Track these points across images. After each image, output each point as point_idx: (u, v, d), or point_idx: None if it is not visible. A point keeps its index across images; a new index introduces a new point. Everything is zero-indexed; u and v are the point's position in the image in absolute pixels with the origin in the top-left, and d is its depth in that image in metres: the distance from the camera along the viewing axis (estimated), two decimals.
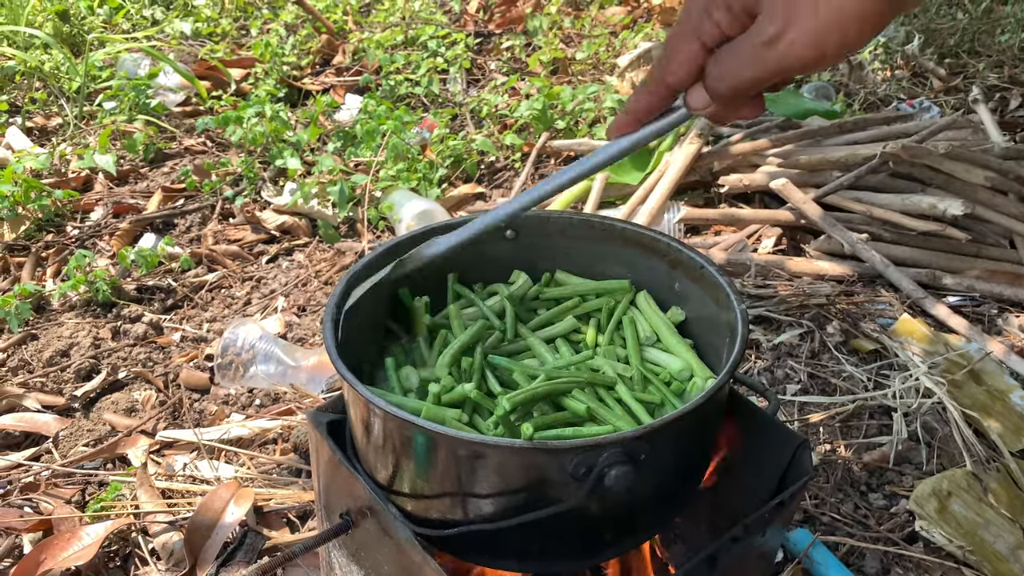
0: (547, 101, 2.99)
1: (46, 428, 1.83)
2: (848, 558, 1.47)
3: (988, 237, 2.25)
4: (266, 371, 1.88)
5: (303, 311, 2.21)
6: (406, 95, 3.35)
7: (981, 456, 1.62)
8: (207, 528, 1.49)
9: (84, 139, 3.12)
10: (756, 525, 0.97)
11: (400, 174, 2.66)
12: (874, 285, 2.17)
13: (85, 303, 2.24)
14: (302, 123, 3.15)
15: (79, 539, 1.49)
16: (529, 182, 2.75)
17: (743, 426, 1.09)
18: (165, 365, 2.02)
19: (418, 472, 0.88)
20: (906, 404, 1.73)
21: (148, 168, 2.97)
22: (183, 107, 3.38)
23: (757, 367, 1.90)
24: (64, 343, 2.07)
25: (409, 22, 3.95)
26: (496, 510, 0.86)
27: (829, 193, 2.32)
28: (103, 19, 4.06)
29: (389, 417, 0.84)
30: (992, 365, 1.86)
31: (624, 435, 0.80)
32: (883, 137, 2.46)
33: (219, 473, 1.67)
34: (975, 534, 1.46)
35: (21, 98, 3.42)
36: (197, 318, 2.21)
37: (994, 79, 3.28)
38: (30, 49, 3.61)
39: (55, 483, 1.69)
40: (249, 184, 2.74)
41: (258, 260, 2.47)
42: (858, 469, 1.65)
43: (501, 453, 0.82)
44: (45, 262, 2.46)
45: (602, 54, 3.62)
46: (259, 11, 4.30)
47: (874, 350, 1.93)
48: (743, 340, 0.92)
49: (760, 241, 2.37)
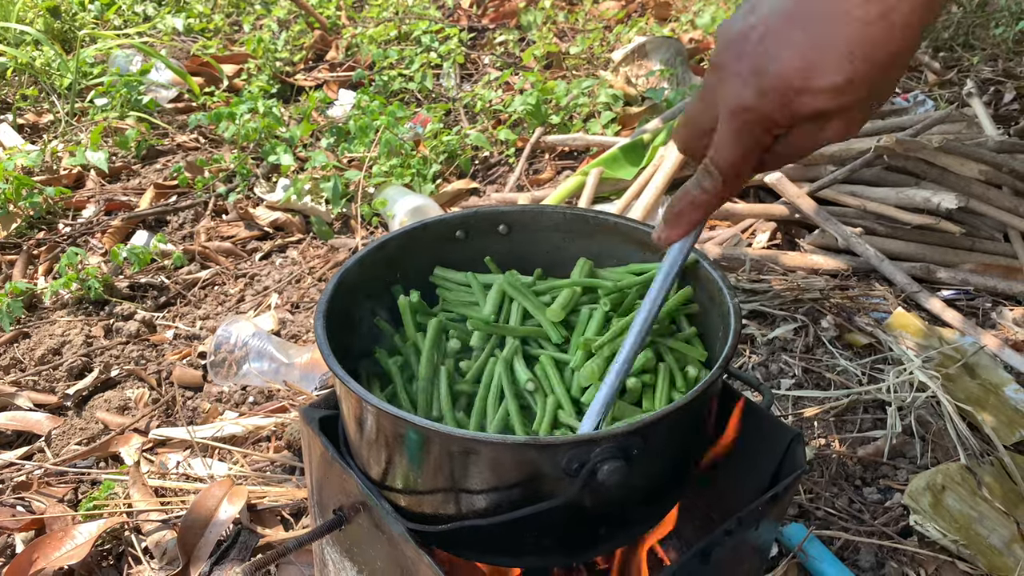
0: (541, 96, 2.98)
1: (38, 427, 1.82)
2: (843, 552, 1.47)
3: (982, 231, 2.25)
4: (259, 368, 1.88)
5: (296, 308, 2.20)
6: (399, 90, 3.34)
7: (975, 450, 1.62)
8: (200, 526, 1.48)
9: (76, 136, 3.10)
10: (750, 518, 0.97)
11: (394, 170, 2.65)
12: (868, 279, 2.17)
13: (77, 301, 2.23)
14: (295, 119, 3.14)
15: (72, 538, 1.48)
16: (523, 177, 2.75)
17: (737, 420, 1.08)
18: (158, 363, 2.02)
19: (411, 468, 0.88)
20: (900, 398, 1.73)
21: (140, 165, 2.96)
22: (175, 103, 3.37)
23: (751, 362, 1.90)
24: (56, 341, 2.06)
25: (402, 17, 3.93)
26: (489, 505, 0.85)
27: (823, 187, 2.32)
28: (94, 15, 4.03)
29: (382, 413, 0.84)
30: (986, 359, 1.87)
31: (617, 430, 0.80)
32: (877, 131, 2.46)
33: (212, 471, 1.66)
34: (969, 528, 1.46)
35: (12, 95, 3.40)
36: (190, 315, 2.20)
37: (988, 72, 3.28)
38: (21, 45, 3.58)
39: (47, 482, 1.68)
40: (242, 180, 2.73)
41: (251, 257, 2.46)
42: (852, 463, 1.65)
43: (494, 449, 0.82)
44: (37, 260, 2.45)
45: (596, 48, 3.61)
46: (252, 6, 4.29)
47: (868, 344, 1.93)
48: (736, 334, 0.92)
49: (754, 236, 2.37)
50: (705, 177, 0.76)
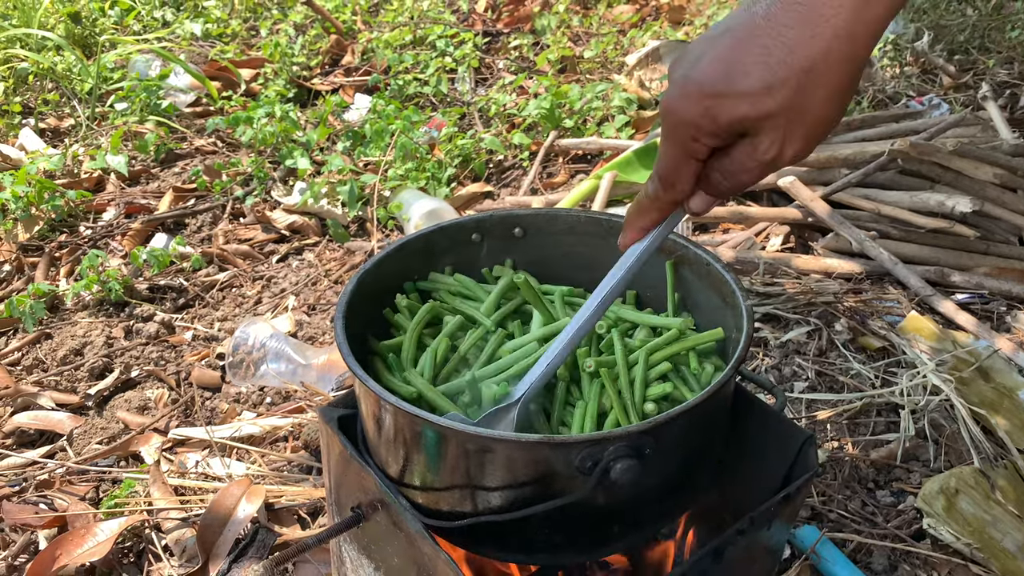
0: (555, 100, 3.00)
1: (60, 426, 1.85)
2: (856, 555, 1.48)
3: (997, 234, 2.24)
4: (277, 369, 1.90)
5: (313, 310, 2.23)
6: (415, 94, 3.36)
7: (989, 453, 1.62)
8: (219, 524, 1.51)
9: (96, 140, 3.15)
10: (762, 519, 0.98)
11: (409, 173, 2.67)
12: (882, 282, 2.17)
13: (98, 302, 2.27)
14: (311, 123, 3.17)
15: (93, 535, 1.51)
16: (537, 180, 2.76)
17: (750, 422, 1.09)
18: (177, 364, 2.05)
19: (428, 466, 0.89)
20: (914, 401, 1.73)
21: (159, 168, 3.00)
22: (194, 107, 3.41)
23: (765, 365, 1.91)
24: (78, 342, 2.10)
25: (418, 22, 3.96)
26: (504, 503, 0.87)
27: (837, 191, 2.32)
28: (114, 21, 4.09)
29: (399, 411, 0.86)
30: (1000, 362, 1.86)
31: (629, 429, 0.81)
32: (892, 134, 2.46)
33: (231, 470, 1.69)
34: (983, 531, 1.46)
35: (34, 99, 3.45)
36: (208, 317, 2.23)
37: (1004, 75, 3.26)
38: (43, 51, 3.64)
39: (69, 480, 1.71)
40: (259, 184, 2.76)
41: (268, 259, 2.49)
42: (865, 466, 1.65)
43: (509, 447, 0.83)
44: (59, 262, 2.49)
45: (610, 52, 3.63)
46: (268, 12, 4.33)
47: (882, 347, 1.93)
48: (748, 336, 0.93)
49: (768, 239, 2.38)
50: (649, 183, 0.82)
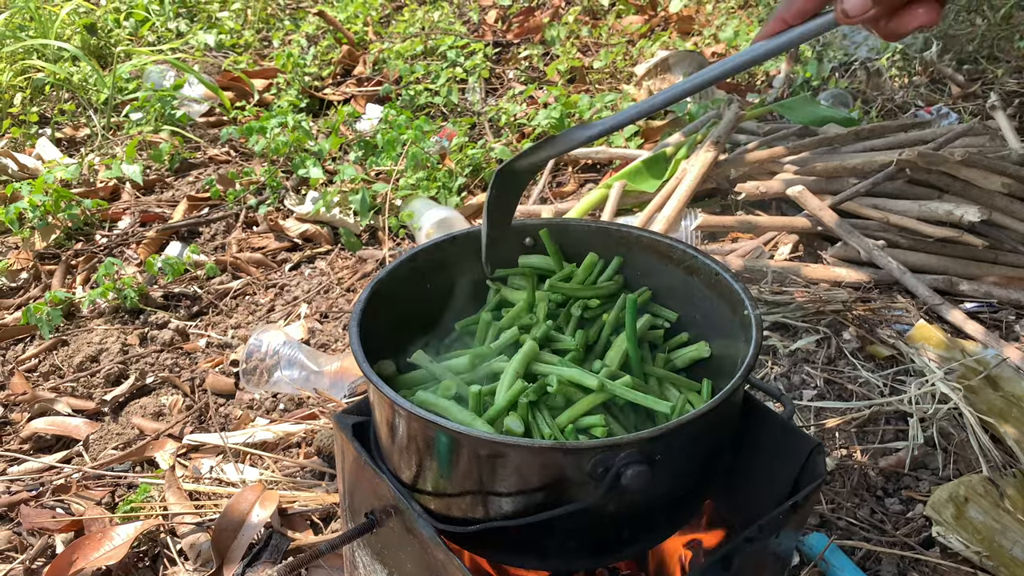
0: (565, 110, 3.02)
1: (77, 431, 1.88)
2: (864, 562, 1.48)
3: (1005, 243, 2.25)
4: (290, 376, 1.92)
5: (325, 317, 2.25)
6: (426, 104, 3.39)
7: (998, 462, 1.63)
8: (233, 529, 1.53)
9: (112, 149, 3.19)
10: (770, 526, 0.99)
11: (420, 183, 2.70)
12: (890, 291, 2.18)
13: (114, 310, 2.30)
14: (324, 133, 3.20)
15: (110, 539, 1.53)
16: (547, 190, 2.79)
17: (758, 429, 1.11)
18: (191, 370, 2.07)
19: (441, 471, 0.91)
20: (922, 410, 1.73)
21: (174, 178, 3.03)
22: (207, 117, 3.45)
23: (774, 373, 1.92)
24: (94, 349, 2.12)
25: (429, 33, 4.00)
26: (516, 508, 0.88)
27: (846, 200, 2.33)
28: (129, 32, 4.14)
29: (413, 418, 0.87)
30: (1009, 371, 1.87)
31: (640, 436, 0.82)
32: (900, 144, 2.47)
33: (244, 476, 1.71)
34: (992, 540, 1.47)
35: (51, 110, 3.50)
36: (222, 324, 2.25)
37: (1013, 85, 3.27)
38: (59, 62, 3.69)
39: (86, 485, 1.73)
40: (272, 193, 2.79)
41: (281, 268, 2.52)
42: (874, 474, 1.66)
43: (521, 453, 0.85)
44: (75, 270, 2.52)
45: (619, 63, 3.65)
46: (281, 23, 4.38)
47: (890, 356, 1.94)
48: (757, 344, 0.94)
49: (777, 248, 2.39)
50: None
